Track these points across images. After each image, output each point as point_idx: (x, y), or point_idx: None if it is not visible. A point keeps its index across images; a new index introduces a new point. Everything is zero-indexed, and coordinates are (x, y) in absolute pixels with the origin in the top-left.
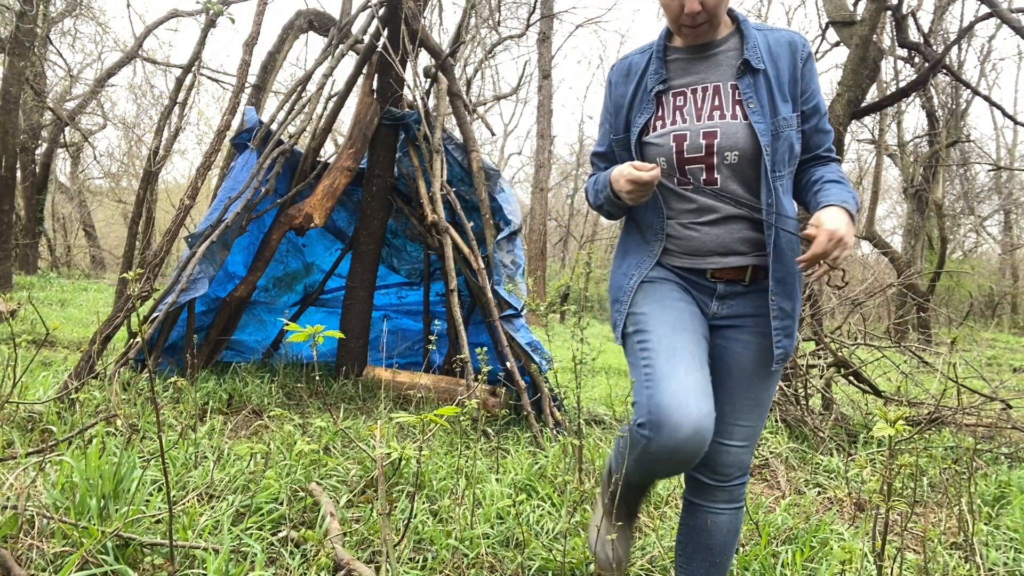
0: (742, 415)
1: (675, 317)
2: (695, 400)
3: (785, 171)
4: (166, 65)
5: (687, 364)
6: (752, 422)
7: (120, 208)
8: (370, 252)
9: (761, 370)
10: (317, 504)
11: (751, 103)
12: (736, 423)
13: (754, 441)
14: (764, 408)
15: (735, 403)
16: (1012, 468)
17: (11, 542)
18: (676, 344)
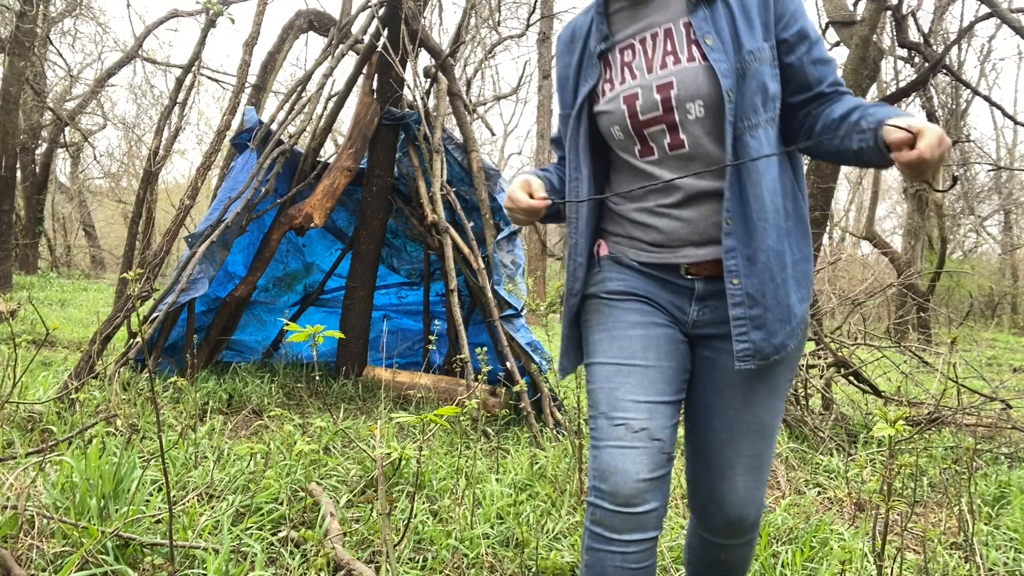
0: (743, 441)
1: (624, 351)
2: (632, 463)
3: (760, 118)
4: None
5: (628, 415)
6: (756, 450)
7: (120, 208)
8: (370, 252)
9: (757, 385)
10: (317, 504)
11: (708, 38)
12: (737, 452)
13: (764, 473)
14: (769, 432)
15: (731, 427)
16: (1012, 468)
17: (11, 542)
18: (617, 391)
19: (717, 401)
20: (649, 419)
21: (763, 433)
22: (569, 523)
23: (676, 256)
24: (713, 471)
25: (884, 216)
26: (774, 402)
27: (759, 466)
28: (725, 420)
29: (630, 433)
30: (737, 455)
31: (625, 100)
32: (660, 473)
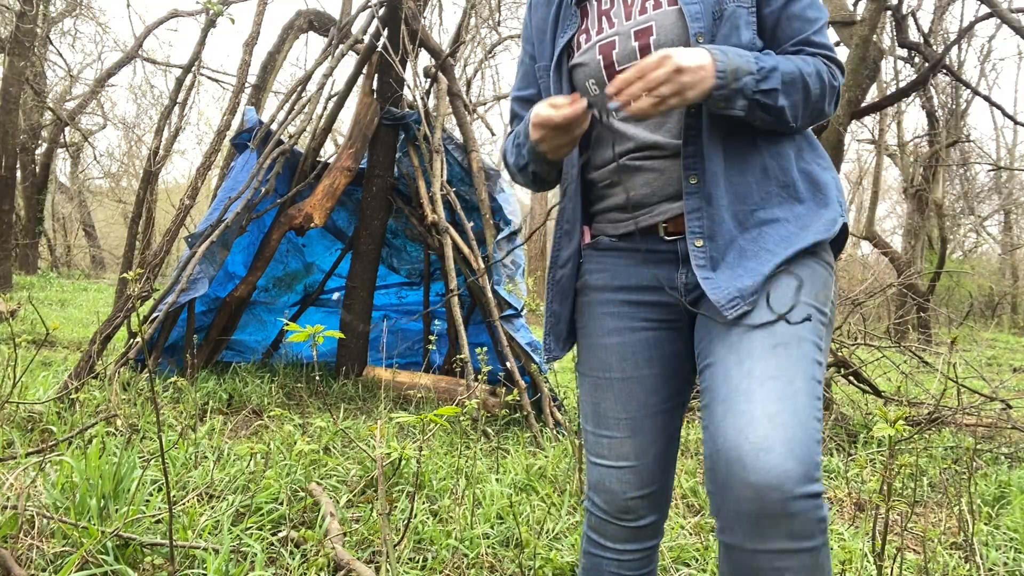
0: (759, 362)
1: (601, 364)
2: (618, 482)
3: None
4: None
5: (611, 432)
6: (781, 370)
7: (120, 208)
8: (370, 252)
9: (755, 332)
10: (317, 504)
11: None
12: (751, 375)
13: (802, 409)
14: (789, 379)
15: (741, 358)
16: (1012, 468)
17: (11, 542)
18: (600, 406)
19: (729, 349)
20: (632, 436)
21: (782, 379)
22: (569, 523)
23: (652, 216)
24: (720, 406)
25: (884, 216)
26: (781, 342)
27: (791, 394)
28: (740, 354)
29: (613, 452)
30: (751, 378)
31: (601, 49)
32: (651, 489)
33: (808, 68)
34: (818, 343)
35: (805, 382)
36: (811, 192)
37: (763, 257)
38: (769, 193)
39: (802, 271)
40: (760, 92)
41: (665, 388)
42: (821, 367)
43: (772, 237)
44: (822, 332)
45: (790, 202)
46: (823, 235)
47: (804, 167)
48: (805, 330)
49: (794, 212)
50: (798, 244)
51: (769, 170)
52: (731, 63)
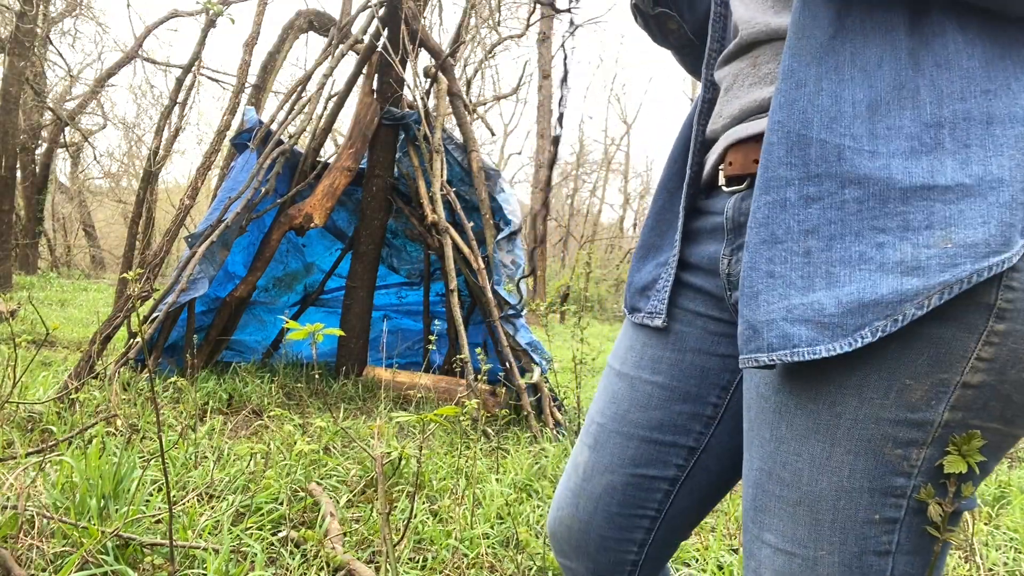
0: (769, 512)
1: (616, 345)
2: (557, 502)
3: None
4: (166, 65)
5: (583, 436)
6: (796, 540)
7: (120, 208)
8: (370, 252)
9: (791, 400)
10: (317, 504)
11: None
12: (761, 524)
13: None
14: (823, 512)
15: (761, 471)
16: (1012, 468)
17: (11, 542)
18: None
19: (748, 425)
20: (592, 447)
21: (809, 505)
22: None
23: (715, 151)
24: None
25: None
26: (839, 453)
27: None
28: (752, 462)
29: (572, 458)
30: (761, 527)
31: None
32: (588, 529)
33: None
34: (892, 483)
35: (843, 557)
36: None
37: (851, 286)
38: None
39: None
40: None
41: (662, 409)
42: (894, 526)
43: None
44: (913, 458)
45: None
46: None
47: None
48: (857, 471)
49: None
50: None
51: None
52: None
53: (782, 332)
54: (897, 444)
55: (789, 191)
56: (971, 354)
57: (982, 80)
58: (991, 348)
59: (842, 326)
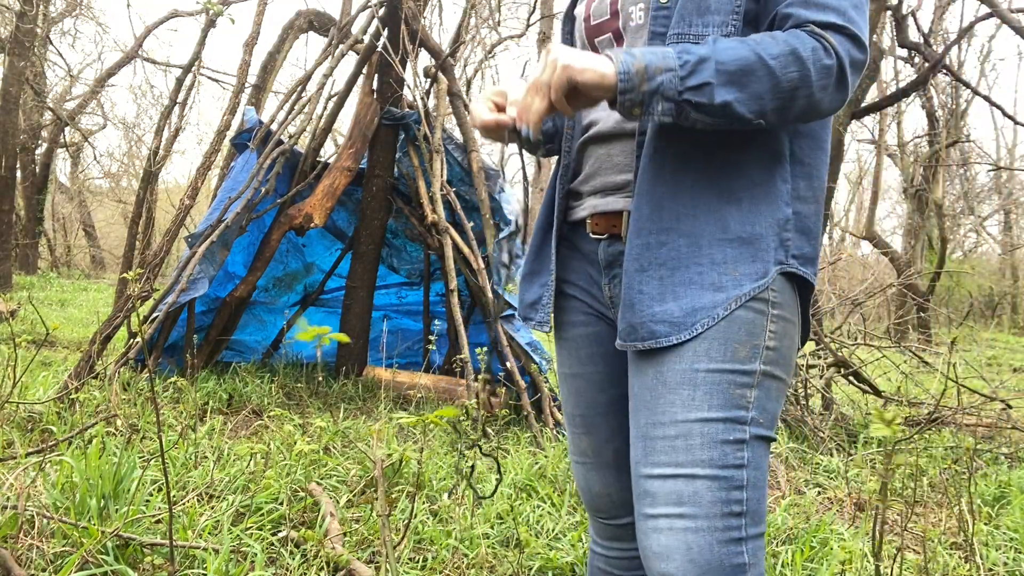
0: (656, 451)
1: (560, 358)
2: (583, 479)
3: (700, 30)
4: (166, 65)
5: (573, 428)
6: (678, 463)
7: (120, 208)
8: (370, 252)
9: (666, 369)
10: (317, 504)
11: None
12: (651, 471)
13: (705, 513)
14: (694, 438)
15: (645, 432)
16: (1012, 468)
17: (11, 542)
18: (564, 402)
19: (633, 399)
20: (586, 433)
21: (686, 438)
22: (569, 523)
23: (582, 208)
24: (636, 500)
25: (884, 216)
26: (683, 385)
27: (691, 494)
28: (639, 426)
29: (575, 448)
30: (651, 479)
31: (587, 3)
32: (616, 488)
33: (775, 47)
34: (737, 415)
35: (712, 470)
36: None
37: (687, 300)
38: (701, 214)
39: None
40: (689, 90)
41: (613, 387)
42: (742, 446)
43: (697, 271)
44: (748, 397)
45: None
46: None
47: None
48: (714, 406)
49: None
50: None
51: (714, 182)
52: (637, 62)
53: (650, 330)
54: (736, 386)
55: (650, 238)
56: (766, 328)
57: (754, 176)
58: (774, 324)
59: (684, 324)
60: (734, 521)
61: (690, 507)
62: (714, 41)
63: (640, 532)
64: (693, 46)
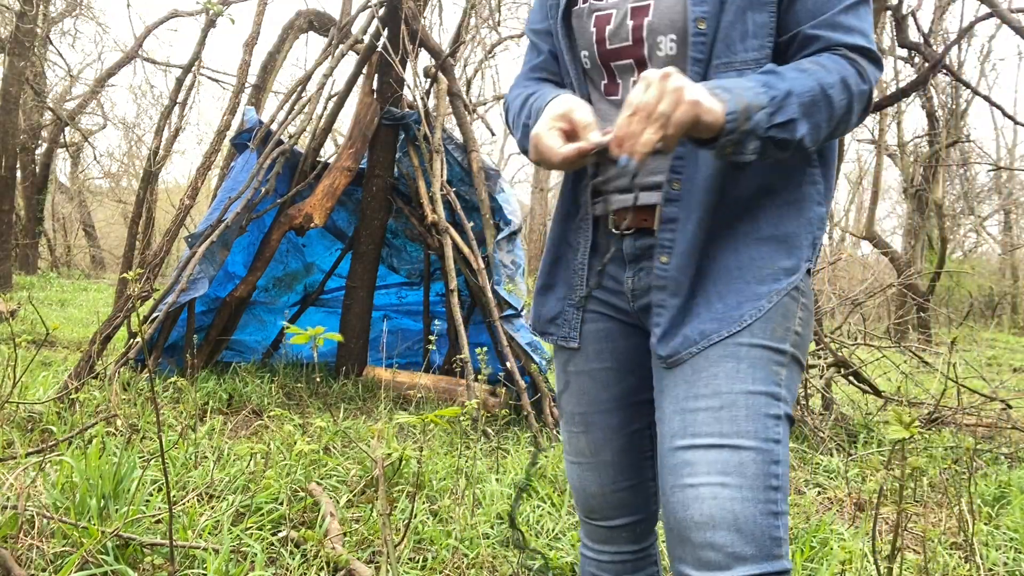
0: (698, 423)
1: (559, 353)
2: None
3: (736, 58)
4: (166, 65)
5: (571, 427)
6: (721, 464)
7: (120, 208)
8: (370, 252)
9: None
10: (317, 504)
11: (700, 21)
12: (692, 441)
13: (751, 483)
14: (739, 409)
15: (683, 407)
16: (1012, 468)
17: (11, 542)
18: (562, 400)
19: (673, 400)
20: (585, 432)
21: (733, 408)
22: (569, 523)
23: (604, 203)
24: (669, 474)
25: (884, 216)
26: (742, 404)
27: (737, 464)
28: (677, 400)
29: (572, 448)
30: (695, 449)
31: (596, 21)
32: (612, 488)
33: (830, 77)
34: (775, 391)
35: (757, 443)
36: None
37: (731, 298)
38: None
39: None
40: (775, 127)
41: (618, 385)
42: (779, 421)
43: (748, 273)
44: (782, 375)
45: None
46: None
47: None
48: (757, 379)
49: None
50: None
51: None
52: (739, 99)
53: (701, 331)
54: (773, 363)
55: (697, 244)
56: (796, 313)
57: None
58: (802, 312)
59: (733, 318)
60: (773, 495)
61: (735, 477)
62: (781, 72)
63: (676, 503)
64: (774, 79)
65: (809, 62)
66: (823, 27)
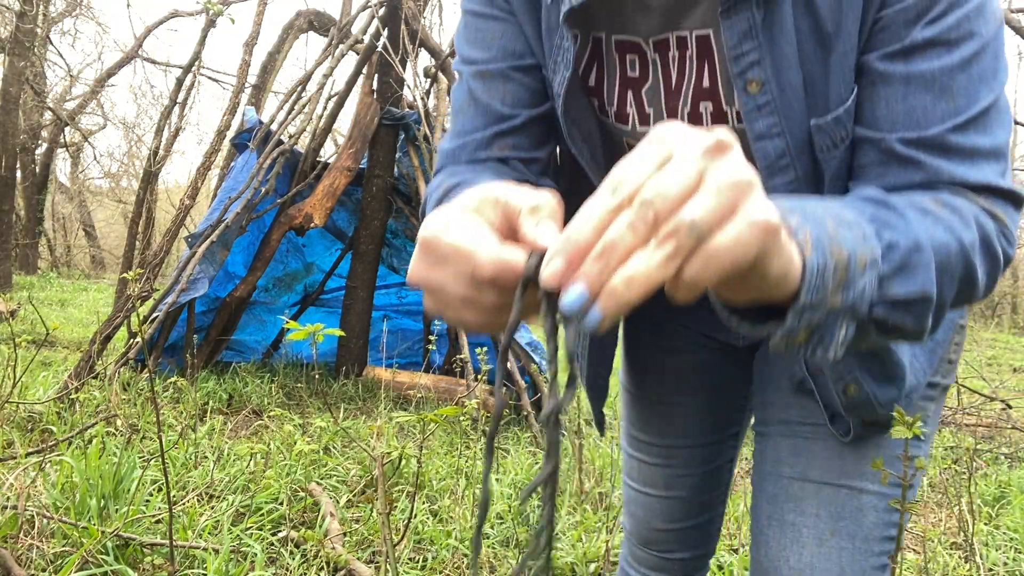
0: (811, 497)
1: (638, 379)
2: (643, 509)
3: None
4: (166, 65)
5: (642, 457)
6: (835, 506)
7: (120, 208)
8: (370, 252)
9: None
10: (317, 504)
11: (753, 82)
12: (809, 471)
13: (872, 528)
14: (869, 444)
15: (793, 431)
16: (1012, 468)
17: (11, 542)
18: (633, 427)
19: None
20: (664, 465)
21: (856, 464)
22: (569, 523)
23: None
24: (767, 503)
25: None
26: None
27: (854, 510)
28: (789, 420)
29: (642, 477)
30: (805, 480)
31: (614, 95)
32: (681, 525)
33: (969, 232)
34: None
35: (881, 487)
36: None
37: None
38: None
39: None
40: (889, 304)
41: (709, 419)
42: (910, 463)
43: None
44: (929, 411)
45: None
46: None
47: None
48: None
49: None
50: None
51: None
52: (835, 242)
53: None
54: (921, 397)
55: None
56: (952, 339)
57: None
58: (955, 348)
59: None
60: (887, 546)
61: (850, 523)
62: (893, 204)
63: (770, 538)
64: (887, 213)
65: (931, 200)
66: (926, 149)
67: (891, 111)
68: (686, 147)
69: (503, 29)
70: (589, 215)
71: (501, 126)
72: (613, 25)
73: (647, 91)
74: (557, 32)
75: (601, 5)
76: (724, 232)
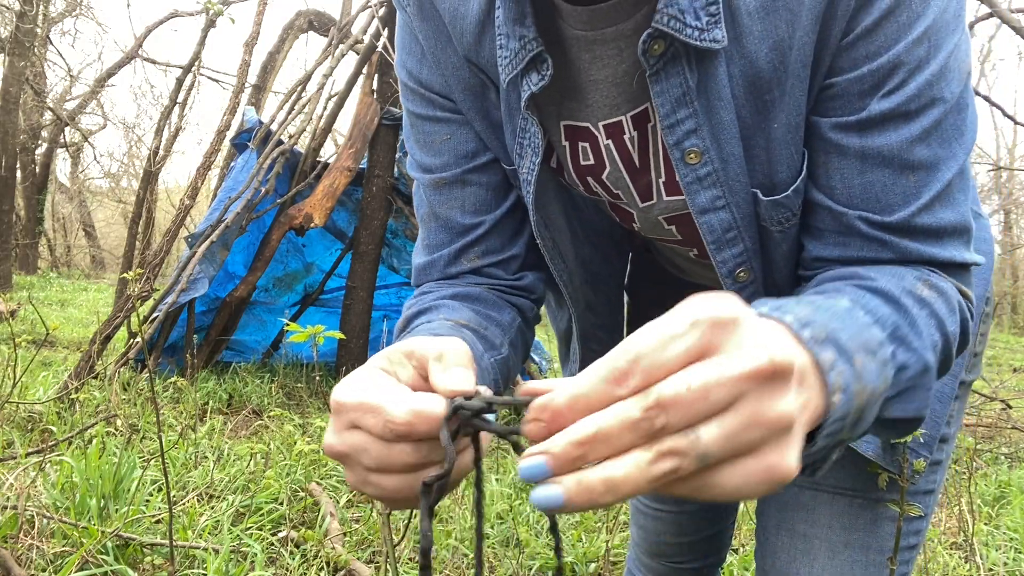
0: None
1: None
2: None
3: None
4: (166, 65)
5: None
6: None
7: (120, 208)
8: (370, 252)
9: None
10: (317, 504)
11: (691, 153)
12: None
13: (889, 540)
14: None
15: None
16: (1012, 468)
17: (11, 542)
18: None
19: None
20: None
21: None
22: (569, 523)
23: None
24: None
25: None
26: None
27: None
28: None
29: (657, 496)
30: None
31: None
32: (691, 538)
33: (953, 321)
34: (942, 431)
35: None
36: None
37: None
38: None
39: None
40: (890, 423)
41: None
42: (936, 468)
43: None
44: (953, 410)
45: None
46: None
47: None
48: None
49: None
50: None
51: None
52: (861, 382)
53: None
54: (938, 400)
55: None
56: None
57: None
58: (981, 339)
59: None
60: (907, 555)
61: (863, 535)
62: (903, 301)
63: (779, 549)
64: (909, 331)
65: (923, 285)
66: (892, 232)
67: (847, 185)
68: (732, 359)
69: (451, 131)
70: (591, 381)
71: (466, 238)
72: (561, 111)
73: (608, 177)
74: (519, 116)
75: (552, 88)
76: (733, 470)
